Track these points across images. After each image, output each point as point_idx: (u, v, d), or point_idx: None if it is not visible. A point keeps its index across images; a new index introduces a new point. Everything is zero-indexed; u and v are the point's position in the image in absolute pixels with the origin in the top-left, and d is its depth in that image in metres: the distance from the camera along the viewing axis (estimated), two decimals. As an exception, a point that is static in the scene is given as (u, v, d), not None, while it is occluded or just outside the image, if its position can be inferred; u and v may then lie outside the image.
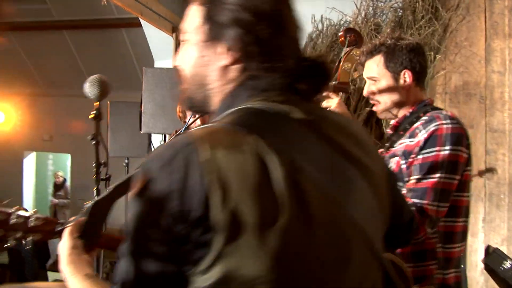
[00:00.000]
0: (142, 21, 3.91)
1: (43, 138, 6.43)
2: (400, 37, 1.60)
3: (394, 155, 1.52)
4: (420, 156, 1.42)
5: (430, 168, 1.41)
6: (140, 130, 3.74)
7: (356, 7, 3.78)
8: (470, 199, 1.56)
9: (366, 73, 1.70)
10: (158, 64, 4.31)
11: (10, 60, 5.96)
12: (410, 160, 1.45)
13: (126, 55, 5.23)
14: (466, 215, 1.54)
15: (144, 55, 4.46)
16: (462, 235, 1.52)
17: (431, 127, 1.44)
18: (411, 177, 1.43)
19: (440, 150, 1.42)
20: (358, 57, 2.62)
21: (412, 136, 1.48)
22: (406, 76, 1.54)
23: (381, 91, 1.60)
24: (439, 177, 1.39)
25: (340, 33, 2.53)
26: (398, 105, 1.59)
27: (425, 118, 1.48)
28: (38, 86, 6.08)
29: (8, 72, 6.10)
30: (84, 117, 1.53)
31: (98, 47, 5.38)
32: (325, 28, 4.08)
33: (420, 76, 1.57)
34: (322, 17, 4.04)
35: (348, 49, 2.53)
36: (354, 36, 2.62)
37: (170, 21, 3.89)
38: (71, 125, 5.32)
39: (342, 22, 4.04)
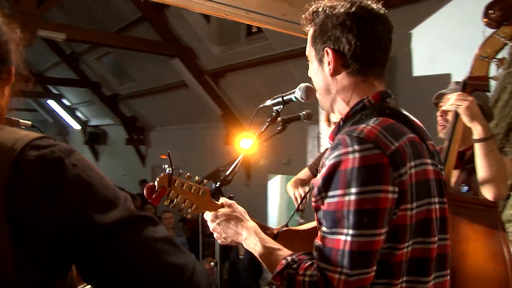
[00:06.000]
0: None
1: (282, 162, 7.21)
2: (343, 3, 1.16)
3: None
4: (325, 201, 1.06)
5: (334, 221, 1.03)
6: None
7: None
8: (430, 247, 1.09)
9: None
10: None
11: (253, 93, 7.01)
12: (313, 202, 1.10)
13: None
14: (415, 273, 1.08)
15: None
16: None
17: (332, 158, 1.04)
18: (320, 228, 1.09)
19: (343, 195, 1.01)
20: (504, 38, 2.08)
21: (323, 165, 1.09)
22: (329, 58, 1.17)
23: (312, 75, 1.26)
24: (346, 235, 1.01)
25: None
26: (330, 99, 1.23)
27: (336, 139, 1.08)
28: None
29: (253, 104, 7.17)
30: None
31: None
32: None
33: (355, 59, 1.14)
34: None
35: (492, 31, 2.07)
36: (500, 10, 2.09)
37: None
38: (306, 149, 5.85)
39: None
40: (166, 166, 1.32)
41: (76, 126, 13.66)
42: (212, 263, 1.65)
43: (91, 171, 0.78)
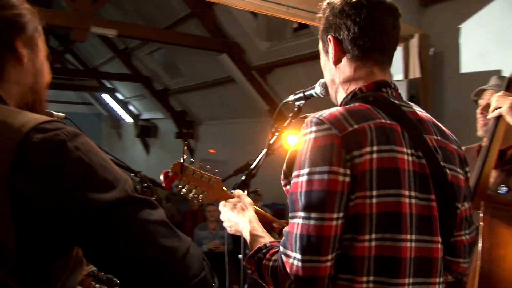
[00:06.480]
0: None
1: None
2: None
3: None
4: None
5: (292, 203, 1.03)
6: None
7: None
8: (400, 245, 1.01)
9: None
10: (396, 77, 4.29)
11: (299, 88, 6.99)
12: (283, 187, 1.13)
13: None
14: (383, 273, 1.01)
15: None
16: None
17: (294, 142, 1.06)
18: None
19: (298, 176, 1.02)
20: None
21: None
22: (332, 45, 1.17)
23: (323, 70, 1.27)
24: (299, 218, 1.01)
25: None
26: (334, 90, 1.23)
27: None
28: (318, 109, 6.86)
29: (299, 100, 7.14)
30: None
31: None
32: None
33: (354, 44, 1.14)
34: None
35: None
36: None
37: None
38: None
39: None
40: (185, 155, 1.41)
41: (129, 119, 14.12)
42: (240, 256, 1.69)
43: (93, 154, 0.82)
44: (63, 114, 1.60)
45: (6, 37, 0.90)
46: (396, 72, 4.10)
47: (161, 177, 1.41)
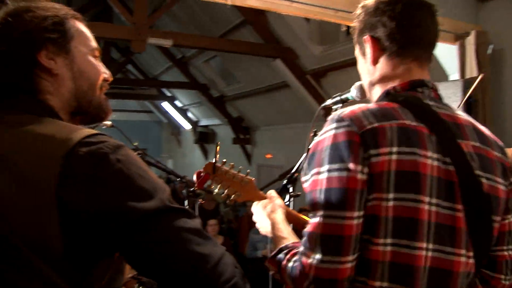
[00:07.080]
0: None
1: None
2: None
3: None
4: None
5: (311, 202, 1.02)
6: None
7: None
8: (415, 254, 0.98)
9: None
10: (452, 77, 4.14)
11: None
12: (303, 185, 1.10)
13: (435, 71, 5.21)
14: (397, 280, 0.98)
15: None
16: None
17: (316, 138, 1.05)
18: None
19: (318, 174, 1.01)
20: None
21: None
22: (369, 45, 1.15)
23: (360, 74, 1.24)
24: (319, 216, 0.99)
25: None
26: (372, 92, 1.20)
27: None
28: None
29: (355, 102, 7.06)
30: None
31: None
32: None
33: (392, 40, 1.12)
34: None
35: None
36: None
37: (449, 31, 3.73)
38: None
39: None
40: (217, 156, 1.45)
41: (187, 126, 14.50)
42: None
43: (133, 165, 0.88)
44: (109, 123, 1.70)
45: (28, 54, 0.95)
46: (452, 71, 3.97)
47: (194, 177, 1.46)
